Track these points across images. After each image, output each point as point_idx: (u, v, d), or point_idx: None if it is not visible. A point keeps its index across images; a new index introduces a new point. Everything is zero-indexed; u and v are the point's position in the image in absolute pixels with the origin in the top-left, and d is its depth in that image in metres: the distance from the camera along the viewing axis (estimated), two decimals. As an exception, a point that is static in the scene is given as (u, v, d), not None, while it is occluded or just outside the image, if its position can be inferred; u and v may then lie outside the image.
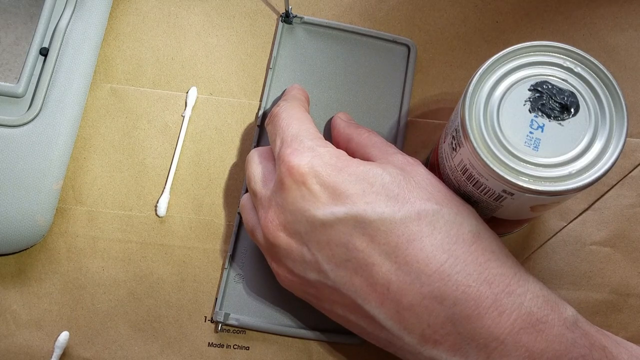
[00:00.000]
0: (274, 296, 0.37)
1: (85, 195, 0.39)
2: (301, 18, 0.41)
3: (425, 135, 0.40)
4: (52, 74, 0.37)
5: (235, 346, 0.37)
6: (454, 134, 0.30)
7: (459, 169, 0.31)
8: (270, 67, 0.40)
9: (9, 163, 0.36)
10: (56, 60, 0.38)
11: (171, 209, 0.39)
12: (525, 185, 0.28)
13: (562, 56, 0.30)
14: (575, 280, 0.38)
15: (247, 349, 0.37)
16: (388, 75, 0.41)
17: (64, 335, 0.36)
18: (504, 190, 0.29)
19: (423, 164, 0.33)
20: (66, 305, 0.37)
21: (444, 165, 0.33)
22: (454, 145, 0.31)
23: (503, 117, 0.29)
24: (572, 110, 0.29)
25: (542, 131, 0.29)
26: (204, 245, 0.38)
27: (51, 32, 0.38)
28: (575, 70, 0.30)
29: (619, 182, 0.39)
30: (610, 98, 0.29)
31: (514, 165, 0.28)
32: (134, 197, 0.39)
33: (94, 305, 0.37)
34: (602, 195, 0.39)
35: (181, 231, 0.38)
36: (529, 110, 0.29)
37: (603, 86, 0.30)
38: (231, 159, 0.40)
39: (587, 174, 0.28)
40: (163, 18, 0.42)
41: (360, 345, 0.36)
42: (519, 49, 0.30)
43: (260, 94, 0.41)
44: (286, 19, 0.41)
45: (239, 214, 0.38)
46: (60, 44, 0.38)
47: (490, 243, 0.29)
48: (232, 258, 0.38)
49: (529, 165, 0.28)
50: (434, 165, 0.36)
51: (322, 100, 0.40)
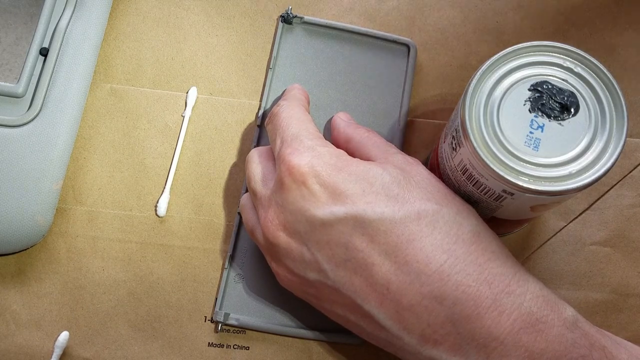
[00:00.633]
0: (273, 296, 0.37)
1: (85, 195, 0.39)
2: (301, 18, 0.41)
3: (425, 135, 0.40)
4: (52, 74, 0.37)
5: (235, 346, 0.37)
6: (454, 134, 0.30)
7: (459, 169, 0.31)
8: (270, 67, 0.40)
9: (9, 163, 0.36)
10: (56, 60, 0.38)
11: (171, 209, 0.39)
12: (525, 185, 0.28)
13: (562, 56, 0.30)
14: (575, 280, 0.38)
15: (247, 349, 0.37)
16: (388, 75, 0.41)
17: (64, 335, 0.36)
18: (504, 190, 0.29)
19: (423, 164, 0.33)
20: (66, 305, 0.37)
21: (444, 165, 0.33)
22: (454, 145, 0.31)
23: (503, 117, 0.29)
24: (572, 110, 0.29)
25: (542, 131, 0.29)
26: (204, 245, 0.38)
27: (51, 32, 0.38)
28: (575, 70, 0.30)
29: (619, 182, 0.39)
30: (610, 98, 0.29)
31: (514, 165, 0.28)
32: (134, 197, 0.39)
33: (94, 305, 0.37)
34: (602, 195, 0.39)
35: (181, 231, 0.38)
36: (529, 110, 0.29)
37: (603, 86, 0.30)
38: (231, 159, 0.40)
39: (587, 174, 0.28)
40: (163, 18, 0.42)
41: (360, 345, 0.36)
42: (519, 49, 0.30)
43: (260, 94, 0.41)
44: (286, 19, 0.41)
45: (239, 213, 0.38)
46: (60, 44, 0.38)
47: (490, 243, 0.30)
48: (232, 258, 0.38)
49: (529, 165, 0.28)
50: (434, 165, 0.36)
51: (322, 100, 0.40)
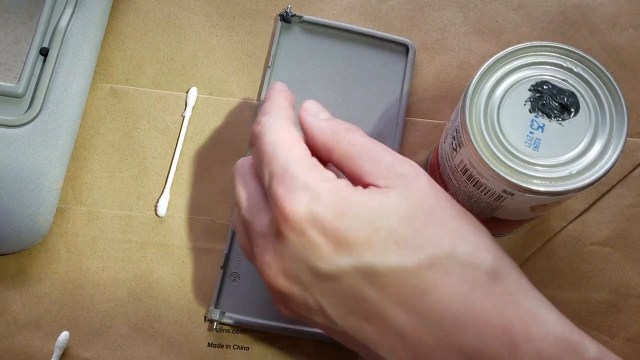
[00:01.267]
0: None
1: (85, 195, 0.39)
2: (300, 17, 0.41)
3: (425, 135, 0.40)
4: (52, 74, 0.37)
5: (235, 346, 0.37)
6: (454, 134, 0.30)
7: (459, 169, 0.31)
8: (269, 66, 0.40)
9: (9, 163, 0.36)
10: (56, 60, 0.38)
11: (171, 209, 0.39)
12: (525, 185, 0.28)
13: (562, 56, 0.30)
14: (575, 280, 0.38)
15: (247, 349, 0.37)
16: (387, 75, 0.41)
17: (64, 335, 0.36)
18: (504, 191, 0.29)
19: (423, 165, 0.32)
20: (66, 306, 0.37)
21: (444, 166, 0.33)
22: (454, 146, 0.31)
23: (503, 118, 0.29)
24: (573, 110, 0.29)
25: (543, 131, 0.29)
26: (204, 245, 0.38)
27: (51, 32, 0.38)
28: (576, 70, 0.30)
29: (619, 182, 0.39)
30: (610, 98, 0.29)
31: (514, 166, 0.28)
32: (134, 197, 0.39)
33: (94, 305, 0.37)
34: (602, 195, 0.39)
35: (181, 231, 0.38)
36: (529, 111, 0.29)
37: (603, 86, 0.30)
38: (231, 159, 0.40)
39: (588, 174, 0.28)
40: (163, 18, 0.42)
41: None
42: (519, 49, 0.30)
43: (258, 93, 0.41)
44: (285, 18, 0.41)
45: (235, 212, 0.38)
46: (60, 44, 0.38)
47: (508, 282, 0.28)
48: (228, 257, 0.38)
49: (529, 165, 0.28)
50: (434, 165, 0.36)
51: (320, 99, 0.40)
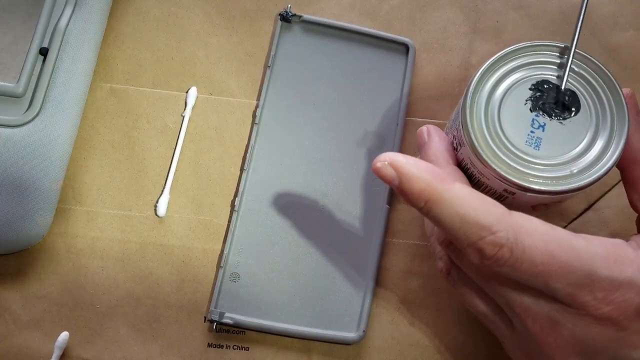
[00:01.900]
0: (269, 295, 0.37)
1: (84, 195, 0.39)
2: (300, 17, 0.41)
3: (426, 135, 0.40)
4: (52, 74, 0.37)
5: (234, 347, 0.37)
6: (455, 134, 0.30)
7: (460, 168, 0.31)
8: (269, 66, 0.40)
9: (8, 163, 0.36)
10: (56, 60, 0.38)
11: (171, 209, 0.39)
12: (526, 184, 0.28)
13: (563, 56, 0.30)
14: (576, 280, 0.38)
15: (247, 349, 0.37)
16: (387, 75, 0.41)
17: (64, 336, 0.36)
18: (505, 190, 0.29)
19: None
20: (66, 306, 0.37)
21: (445, 165, 0.33)
22: (455, 145, 0.31)
23: (504, 117, 0.29)
24: (573, 109, 0.29)
25: (543, 130, 0.29)
26: (204, 245, 0.38)
27: (51, 32, 0.38)
28: (576, 69, 0.30)
29: (619, 182, 0.39)
30: (611, 97, 0.29)
31: (515, 165, 0.28)
32: (134, 197, 0.39)
33: (94, 305, 0.37)
34: (603, 195, 0.39)
35: (181, 231, 0.38)
36: (530, 110, 0.29)
37: (604, 86, 0.30)
38: (231, 159, 0.40)
39: (589, 174, 0.28)
40: (163, 18, 0.42)
41: (359, 345, 0.36)
42: (519, 49, 0.30)
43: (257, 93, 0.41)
44: (285, 18, 0.41)
45: (235, 212, 0.38)
46: (60, 44, 0.38)
47: None
48: (228, 257, 0.38)
49: (530, 164, 0.28)
50: (434, 165, 0.36)
51: (320, 99, 0.40)
